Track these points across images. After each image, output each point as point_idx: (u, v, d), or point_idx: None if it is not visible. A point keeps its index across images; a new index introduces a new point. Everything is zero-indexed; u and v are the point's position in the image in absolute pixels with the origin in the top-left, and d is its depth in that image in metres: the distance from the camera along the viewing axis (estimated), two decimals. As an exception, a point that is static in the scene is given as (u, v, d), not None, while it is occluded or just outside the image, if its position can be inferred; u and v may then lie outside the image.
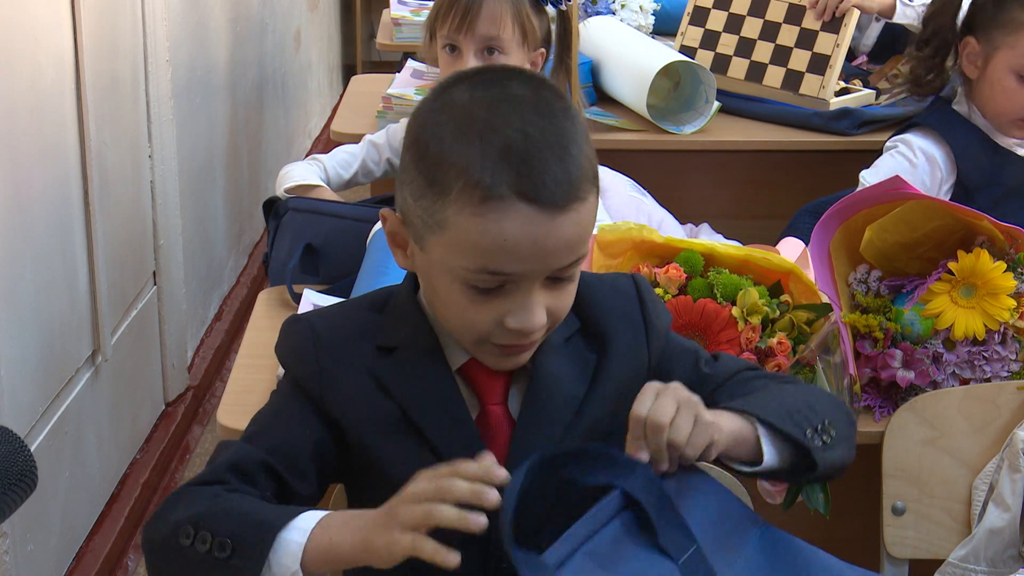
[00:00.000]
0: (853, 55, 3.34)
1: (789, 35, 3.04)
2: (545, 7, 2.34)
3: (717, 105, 2.94)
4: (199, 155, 3.59)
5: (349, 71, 5.99)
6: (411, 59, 3.21)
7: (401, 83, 3.05)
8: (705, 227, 2.60)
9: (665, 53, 2.92)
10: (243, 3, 4.10)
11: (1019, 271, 1.86)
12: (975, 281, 1.85)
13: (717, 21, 3.13)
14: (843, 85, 3.07)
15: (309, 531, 1.24)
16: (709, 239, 2.31)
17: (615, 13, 3.31)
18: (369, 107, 2.97)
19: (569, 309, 1.36)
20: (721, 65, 3.08)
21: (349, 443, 1.39)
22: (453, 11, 2.27)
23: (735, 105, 3.02)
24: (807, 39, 3.01)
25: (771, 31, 3.06)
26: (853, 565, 1.36)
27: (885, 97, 3.07)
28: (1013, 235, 1.86)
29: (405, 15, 3.74)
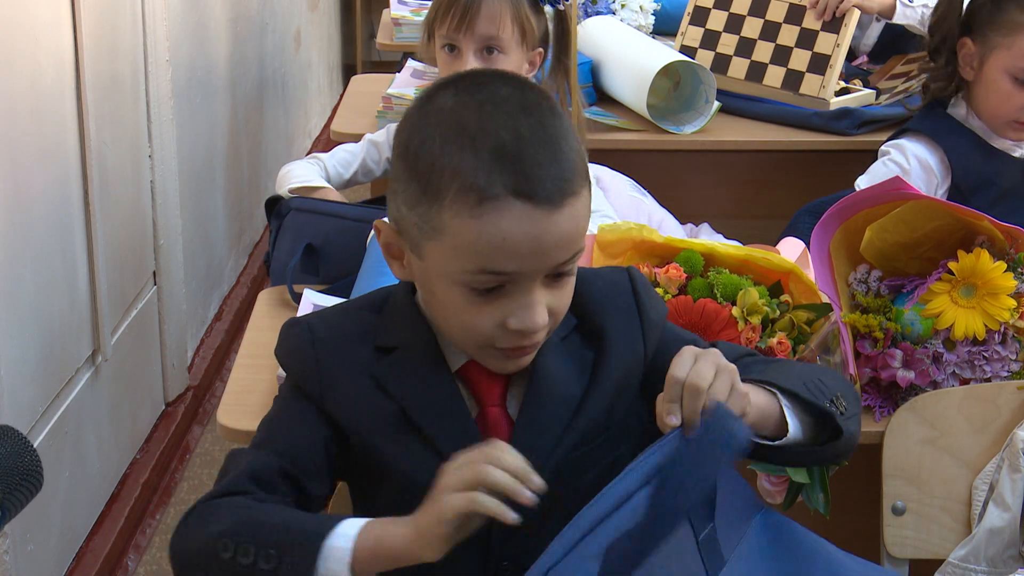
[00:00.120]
0: (853, 55, 3.34)
1: (789, 35, 3.04)
2: (543, 7, 2.35)
3: (717, 105, 2.94)
4: (199, 155, 3.59)
5: (349, 71, 5.99)
6: (411, 59, 3.21)
7: (401, 83, 3.05)
8: (705, 227, 2.60)
9: (665, 53, 2.92)
10: (243, 3, 4.10)
11: (1019, 271, 1.86)
12: (975, 281, 1.85)
13: (717, 21, 3.13)
14: (843, 85, 3.06)
15: (355, 536, 1.24)
16: (709, 239, 2.31)
17: (615, 13, 3.31)
18: (369, 107, 2.97)
19: (568, 306, 1.36)
20: (721, 65, 3.08)
21: (351, 443, 1.39)
22: (452, 11, 2.27)
23: (735, 105, 3.02)
24: (807, 39, 3.01)
25: (771, 31, 3.06)
26: (850, 554, 1.36)
27: (885, 97, 3.07)
28: (1013, 235, 1.86)
29: (405, 15, 3.74)
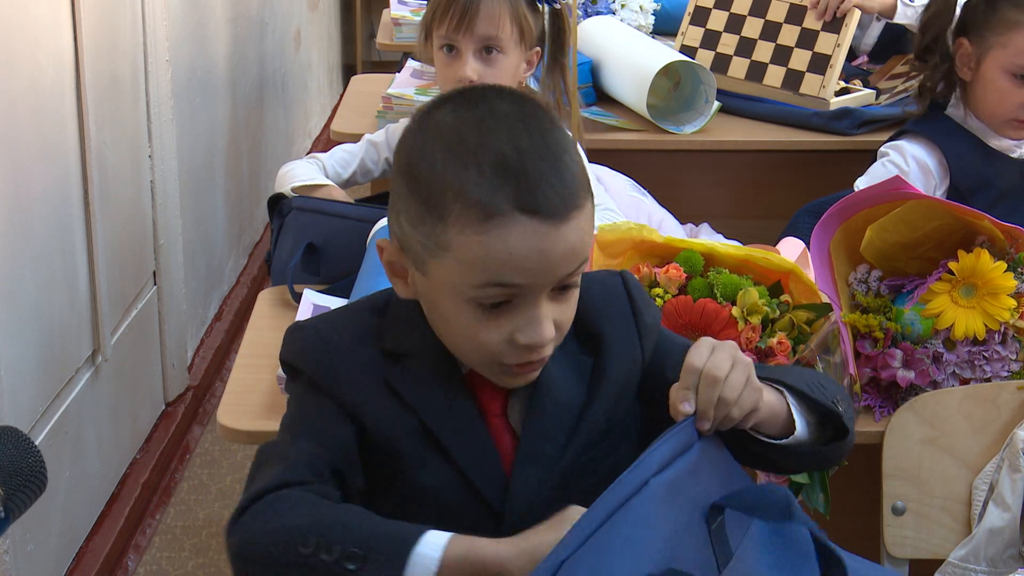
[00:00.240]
0: (854, 55, 3.34)
1: (790, 35, 3.04)
2: (540, 6, 2.34)
3: (717, 105, 2.94)
4: (199, 155, 3.59)
5: (349, 71, 5.99)
6: (411, 59, 3.21)
7: (401, 83, 3.05)
8: (705, 227, 2.60)
9: (665, 53, 2.92)
10: (243, 3, 4.10)
11: (1019, 271, 1.86)
12: (975, 281, 1.85)
13: (718, 21, 3.13)
14: (843, 85, 3.06)
15: (443, 546, 1.23)
16: (709, 239, 2.31)
17: (615, 13, 3.31)
18: (369, 107, 2.97)
19: (572, 318, 1.36)
20: (721, 65, 3.08)
21: (368, 440, 1.38)
22: (451, 11, 2.26)
23: (735, 105, 3.02)
24: (808, 39, 3.01)
25: (772, 31, 3.06)
26: (850, 552, 1.36)
27: (885, 97, 3.07)
28: (1013, 235, 1.86)
29: (405, 15, 3.74)
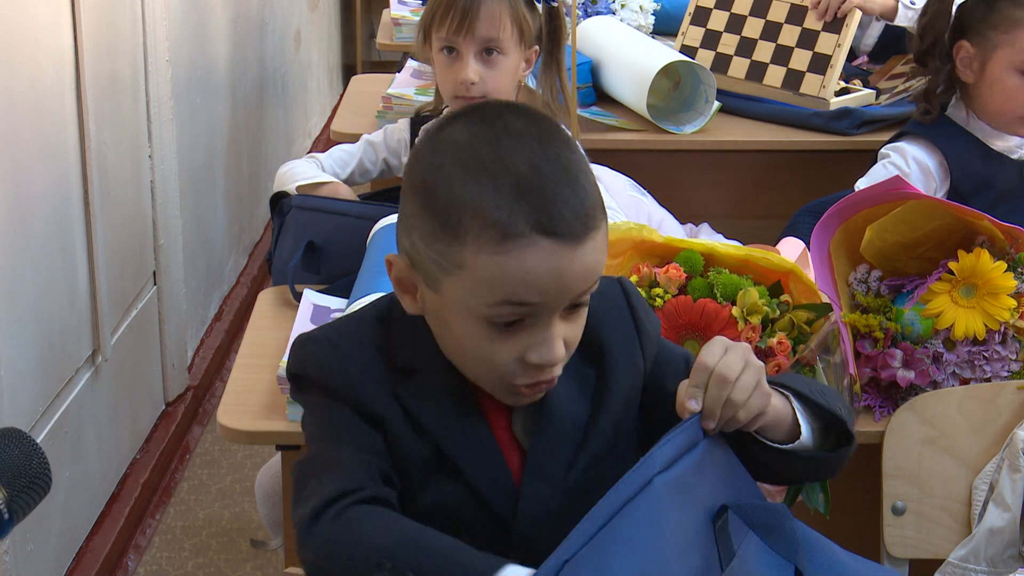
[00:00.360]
0: (854, 55, 3.34)
1: (790, 35, 3.04)
2: (538, 5, 2.34)
3: (717, 105, 2.94)
4: (199, 155, 3.59)
5: (349, 71, 5.99)
6: (411, 59, 3.21)
7: (401, 83, 3.05)
8: (705, 227, 2.60)
9: (665, 53, 2.92)
10: (243, 3, 4.10)
11: (1019, 271, 1.86)
12: (975, 281, 1.85)
13: (718, 21, 3.13)
14: (843, 85, 3.06)
15: None
16: (709, 239, 2.31)
17: (615, 13, 3.31)
18: (369, 107, 2.97)
19: (580, 335, 1.35)
20: (722, 65, 3.08)
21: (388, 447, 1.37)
22: (451, 13, 2.26)
23: (735, 105, 3.02)
24: (808, 39, 3.01)
25: (772, 31, 3.06)
26: (850, 552, 1.36)
27: (885, 97, 3.07)
28: (1013, 235, 1.86)
29: (405, 15, 3.74)
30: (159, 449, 3.15)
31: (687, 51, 3.11)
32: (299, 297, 2.10)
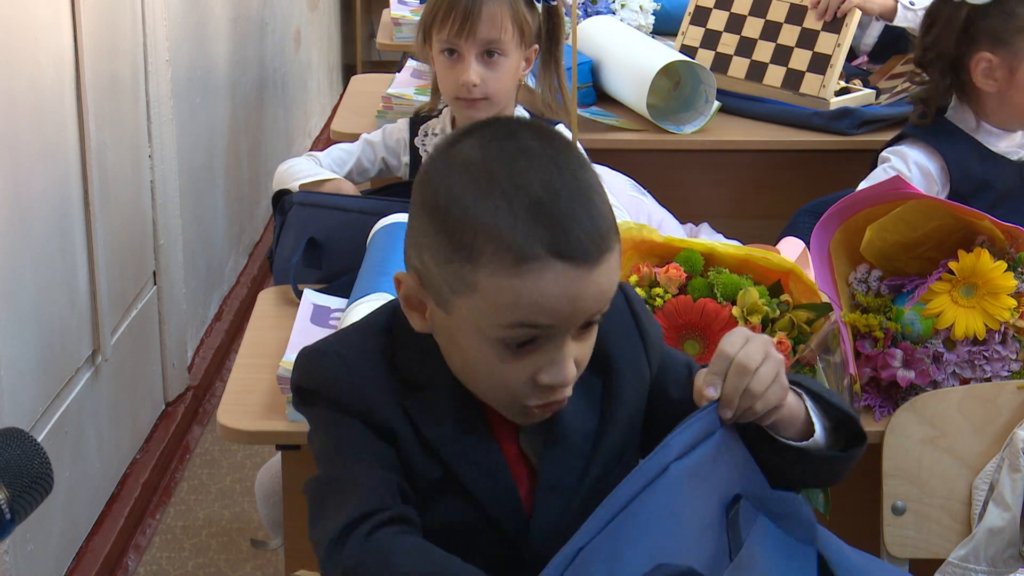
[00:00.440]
0: (854, 55, 3.34)
1: (790, 35, 3.04)
2: (537, 5, 2.34)
3: (717, 105, 2.94)
4: (199, 155, 3.59)
5: (349, 71, 5.99)
6: (411, 59, 3.21)
7: (401, 83, 3.05)
8: (705, 227, 2.60)
9: (665, 53, 2.93)
10: (243, 3, 4.10)
11: (1019, 271, 1.86)
12: (975, 281, 1.85)
13: (718, 21, 3.13)
14: (843, 85, 3.06)
15: None
16: (709, 239, 2.31)
17: (615, 13, 3.31)
18: (369, 107, 2.97)
19: (591, 353, 1.34)
20: (722, 64, 3.09)
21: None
22: (452, 16, 2.25)
23: (735, 105, 3.02)
24: (808, 39, 3.01)
25: (772, 31, 3.06)
26: (856, 548, 1.36)
27: (885, 97, 3.07)
28: (1013, 235, 1.86)
29: (405, 15, 3.74)
30: (159, 449, 3.15)
31: (687, 51, 3.11)
32: (301, 294, 2.10)
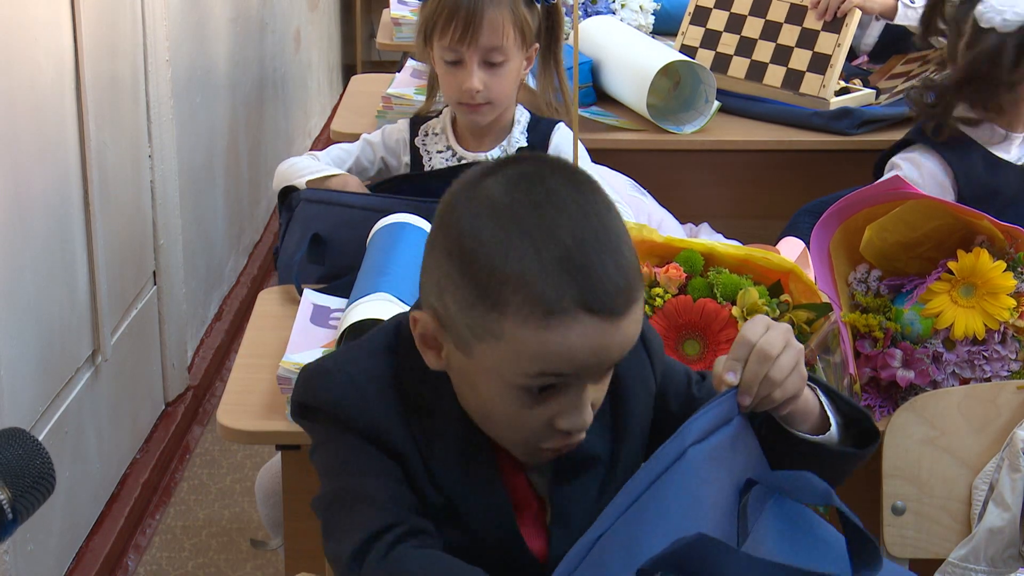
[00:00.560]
0: (854, 54, 3.34)
1: (790, 35, 3.04)
2: (536, 4, 2.34)
3: (717, 105, 2.94)
4: (199, 155, 3.59)
5: (349, 71, 5.99)
6: (411, 59, 3.21)
7: (401, 83, 3.05)
8: (705, 227, 2.60)
9: (665, 53, 2.93)
10: (243, 3, 4.10)
11: (1019, 270, 1.86)
12: (975, 281, 1.85)
13: (718, 21, 3.13)
14: (843, 85, 3.06)
15: None
16: (709, 239, 2.31)
17: (615, 13, 3.31)
18: (369, 107, 2.97)
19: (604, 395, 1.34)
20: (721, 64, 3.09)
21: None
22: (453, 24, 2.23)
23: (735, 105, 3.02)
24: (808, 39, 3.01)
25: (772, 31, 3.06)
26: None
27: (885, 97, 3.07)
28: (1013, 235, 1.87)
29: (405, 15, 3.74)
30: (159, 449, 3.15)
31: (687, 51, 3.11)
32: (301, 293, 2.10)
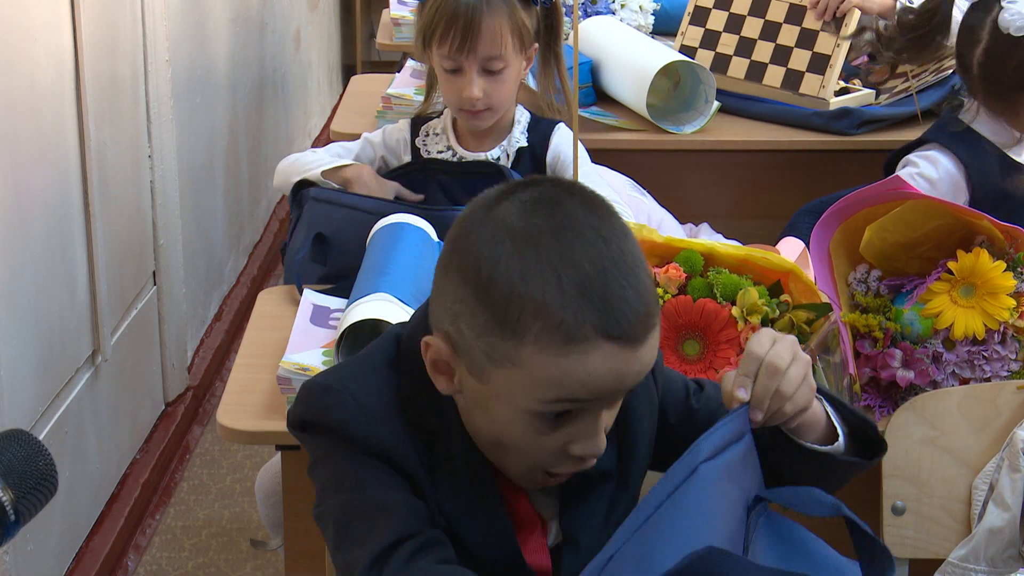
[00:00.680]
0: (854, 54, 3.33)
1: (789, 35, 3.04)
2: (535, 7, 2.33)
3: (717, 105, 2.94)
4: (199, 155, 3.59)
5: (349, 71, 5.99)
6: (411, 59, 3.21)
7: (401, 83, 3.05)
8: (705, 227, 2.60)
9: (665, 53, 2.93)
10: (243, 3, 4.10)
11: (1019, 270, 1.86)
12: (975, 281, 1.85)
13: (718, 21, 3.13)
14: (843, 85, 3.06)
15: None
16: (709, 239, 2.31)
17: (615, 13, 3.31)
18: (369, 107, 2.97)
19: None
20: (721, 64, 3.09)
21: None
22: (452, 33, 2.23)
23: (735, 105, 3.02)
24: (808, 39, 3.01)
25: (772, 31, 3.06)
26: (818, 537, 1.36)
27: (885, 97, 3.07)
28: (1013, 235, 1.86)
29: (405, 15, 3.74)
30: (159, 449, 3.15)
31: (686, 51, 3.11)
32: (302, 292, 2.10)
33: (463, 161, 2.37)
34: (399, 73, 3.14)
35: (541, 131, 2.39)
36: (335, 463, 1.33)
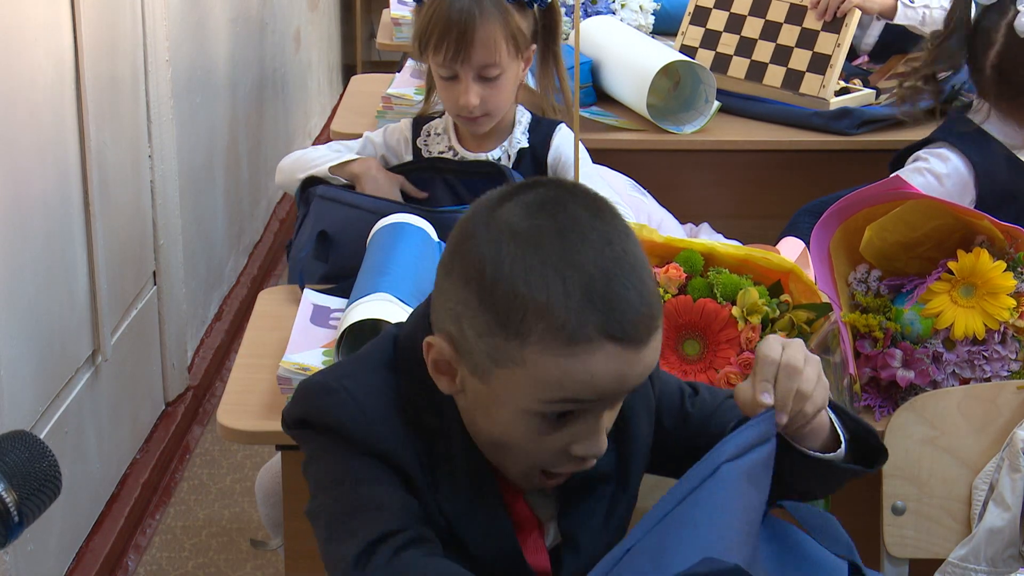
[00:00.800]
0: (854, 54, 3.34)
1: (790, 35, 3.04)
2: (532, 9, 2.33)
3: (717, 105, 2.94)
4: (199, 155, 3.59)
5: (349, 71, 5.99)
6: (411, 59, 3.21)
7: (401, 83, 3.05)
8: (705, 227, 2.60)
9: (665, 53, 2.93)
10: (243, 3, 4.10)
11: (1019, 270, 1.86)
12: (975, 281, 1.85)
13: (718, 21, 3.13)
14: (843, 85, 3.07)
15: None
16: (709, 239, 2.31)
17: (615, 13, 3.31)
18: (369, 107, 2.97)
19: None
20: (721, 64, 3.09)
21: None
22: (446, 42, 2.22)
23: (735, 105, 3.02)
24: (808, 39, 3.01)
25: (772, 31, 3.06)
26: (804, 532, 1.36)
27: (885, 97, 3.07)
28: (1013, 234, 1.86)
29: (405, 15, 3.74)
30: (159, 449, 3.15)
31: (687, 51, 3.11)
32: (304, 287, 2.10)
33: (467, 160, 2.38)
34: (399, 73, 3.14)
35: (542, 132, 2.39)
36: (331, 461, 1.34)
